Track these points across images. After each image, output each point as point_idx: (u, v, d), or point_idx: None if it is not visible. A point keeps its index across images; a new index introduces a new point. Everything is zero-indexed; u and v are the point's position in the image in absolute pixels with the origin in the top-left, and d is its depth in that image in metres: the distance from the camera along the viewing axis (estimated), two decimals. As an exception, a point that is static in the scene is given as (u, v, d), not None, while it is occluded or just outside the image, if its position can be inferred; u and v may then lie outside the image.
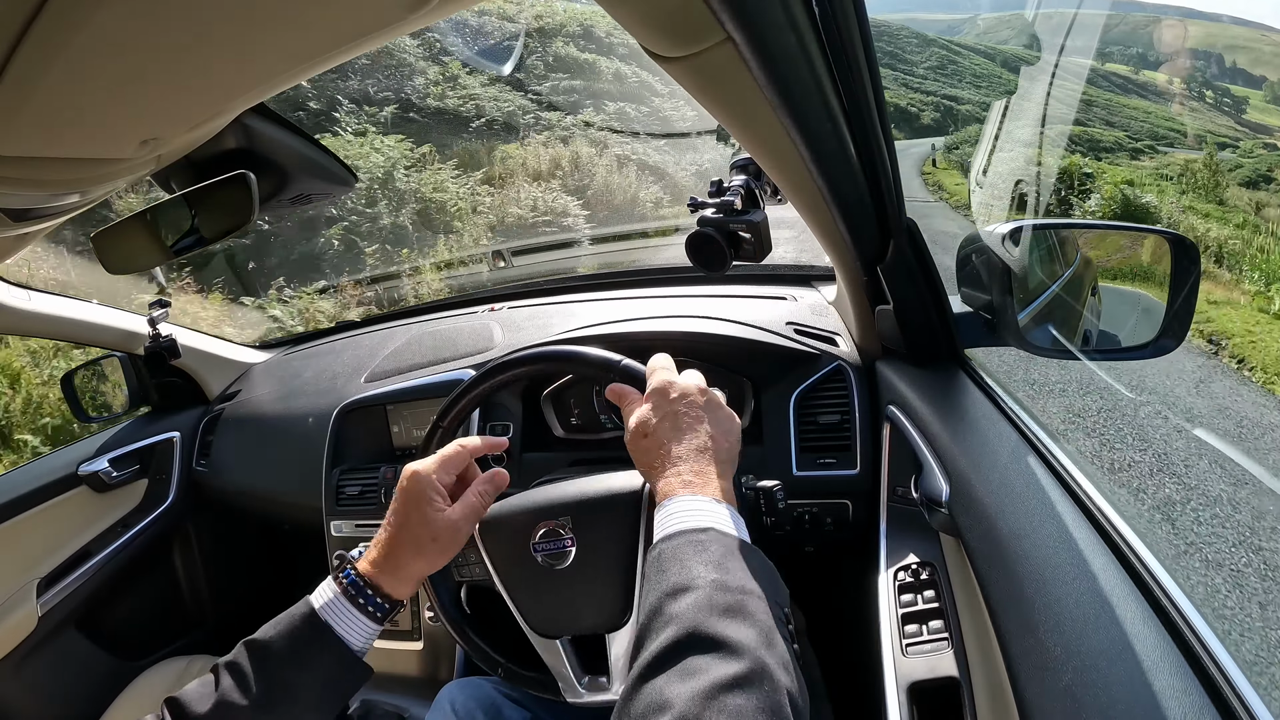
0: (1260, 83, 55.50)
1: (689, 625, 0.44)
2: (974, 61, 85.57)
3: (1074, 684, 0.42)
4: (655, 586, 0.49)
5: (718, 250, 0.76)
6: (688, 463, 0.57)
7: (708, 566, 0.48)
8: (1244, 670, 0.43)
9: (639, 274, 1.54)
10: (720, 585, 0.46)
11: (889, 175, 0.67)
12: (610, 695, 0.72)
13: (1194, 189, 11.57)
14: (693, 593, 0.46)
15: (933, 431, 0.77)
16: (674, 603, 0.46)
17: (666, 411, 0.61)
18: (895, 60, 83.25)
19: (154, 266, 0.86)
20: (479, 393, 0.81)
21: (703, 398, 0.62)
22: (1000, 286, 0.82)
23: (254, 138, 0.59)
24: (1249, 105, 45.51)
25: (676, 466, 0.57)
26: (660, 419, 0.61)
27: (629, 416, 0.64)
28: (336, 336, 1.62)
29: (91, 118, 0.33)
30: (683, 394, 0.62)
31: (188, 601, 1.56)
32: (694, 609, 0.45)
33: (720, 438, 0.60)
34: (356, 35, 0.34)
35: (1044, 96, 1.27)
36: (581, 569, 0.71)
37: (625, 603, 0.69)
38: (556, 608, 0.74)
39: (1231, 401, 4.78)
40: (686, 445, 0.59)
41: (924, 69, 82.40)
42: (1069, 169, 11.94)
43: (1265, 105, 42.86)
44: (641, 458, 0.62)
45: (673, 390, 0.62)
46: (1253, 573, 2.82)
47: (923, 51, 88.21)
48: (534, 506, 0.74)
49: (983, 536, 0.61)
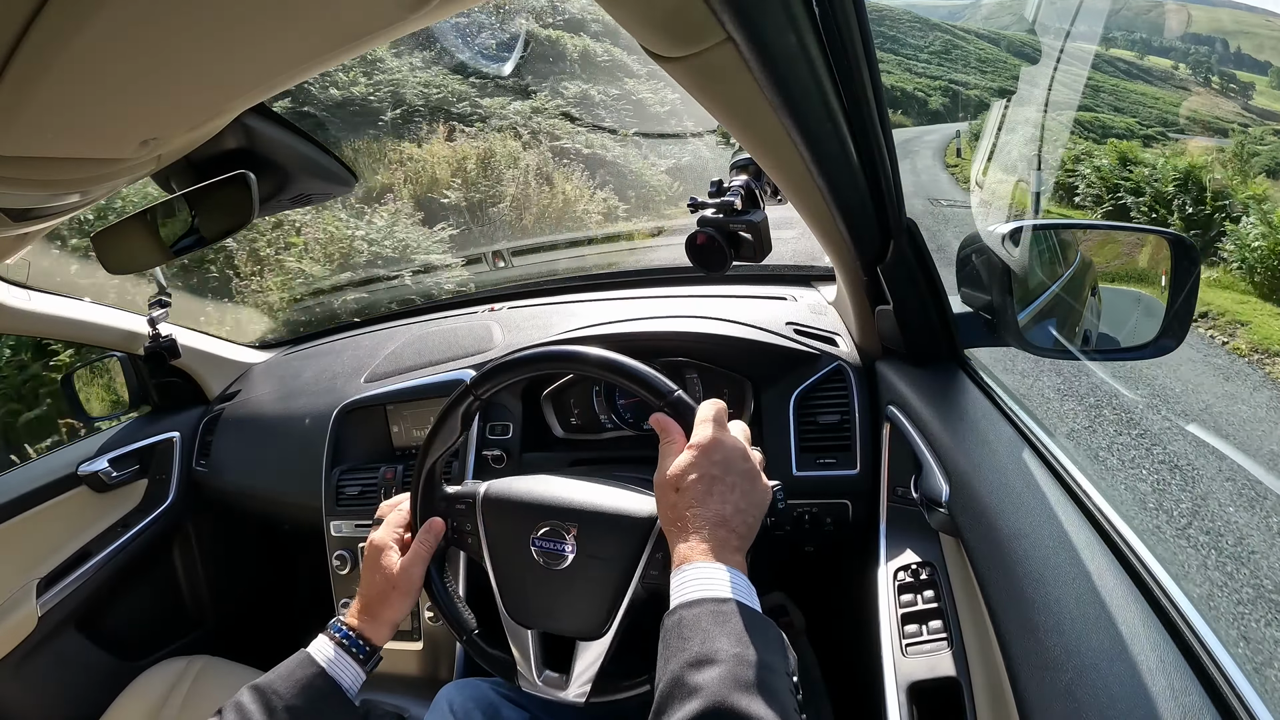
0: (1265, 68, 55.43)
1: (714, 699, 0.45)
2: (979, 46, 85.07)
3: (1074, 684, 0.42)
4: (677, 654, 0.49)
5: (718, 250, 0.76)
6: (711, 529, 0.57)
7: (730, 640, 0.49)
8: (1243, 670, 0.43)
9: (639, 274, 1.54)
10: (742, 660, 0.47)
11: (889, 175, 0.67)
12: (562, 694, 0.74)
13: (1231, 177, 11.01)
14: (716, 666, 0.47)
15: (933, 431, 0.77)
16: (697, 674, 0.47)
17: (704, 472, 0.60)
18: (898, 45, 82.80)
19: (154, 266, 0.86)
20: (526, 376, 0.80)
21: (744, 464, 0.62)
22: (1000, 286, 0.82)
23: (254, 138, 0.59)
24: (1255, 90, 45.43)
25: (700, 531, 0.57)
26: (697, 477, 0.60)
27: (665, 456, 0.64)
28: (336, 336, 1.62)
29: (91, 118, 0.33)
30: (726, 458, 0.61)
31: (187, 601, 1.55)
32: (718, 683, 0.46)
33: (749, 510, 0.60)
34: (356, 35, 0.34)
35: (1049, 83, 1.26)
36: (575, 576, 0.72)
37: (606, 617, 0.71)
38: (539, 603, 0.75)
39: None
40: (715, 511, 0.58)
41: (928, 54, 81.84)
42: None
43: (1271, 90, 42.73)
44: (667, 510, 0.61)
45: (716, 451, 0.61)
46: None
47: (925, 36, 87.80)
48: (543, 503, 0.75)
49: (983, 536, 0.61)
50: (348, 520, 1.20)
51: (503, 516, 0.77)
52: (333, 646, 0.71)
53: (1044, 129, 1.58)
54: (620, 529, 0.71)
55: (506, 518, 0.77)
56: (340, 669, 0.69)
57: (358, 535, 1.20)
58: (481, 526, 0.78)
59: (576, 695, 0.73)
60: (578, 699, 0.73)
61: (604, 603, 0.71)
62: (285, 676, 0.67)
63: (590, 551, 0.72)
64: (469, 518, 0.79)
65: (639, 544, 0.70)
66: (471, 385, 0.79)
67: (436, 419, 0.80)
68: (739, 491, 0.60)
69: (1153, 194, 10.08)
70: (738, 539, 0.58)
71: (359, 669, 0.71)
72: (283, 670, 0.68)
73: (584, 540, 0.72)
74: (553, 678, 0.76)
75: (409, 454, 1.28)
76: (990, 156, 1.38)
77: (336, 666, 0.69)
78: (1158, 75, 62.43)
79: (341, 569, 1.19)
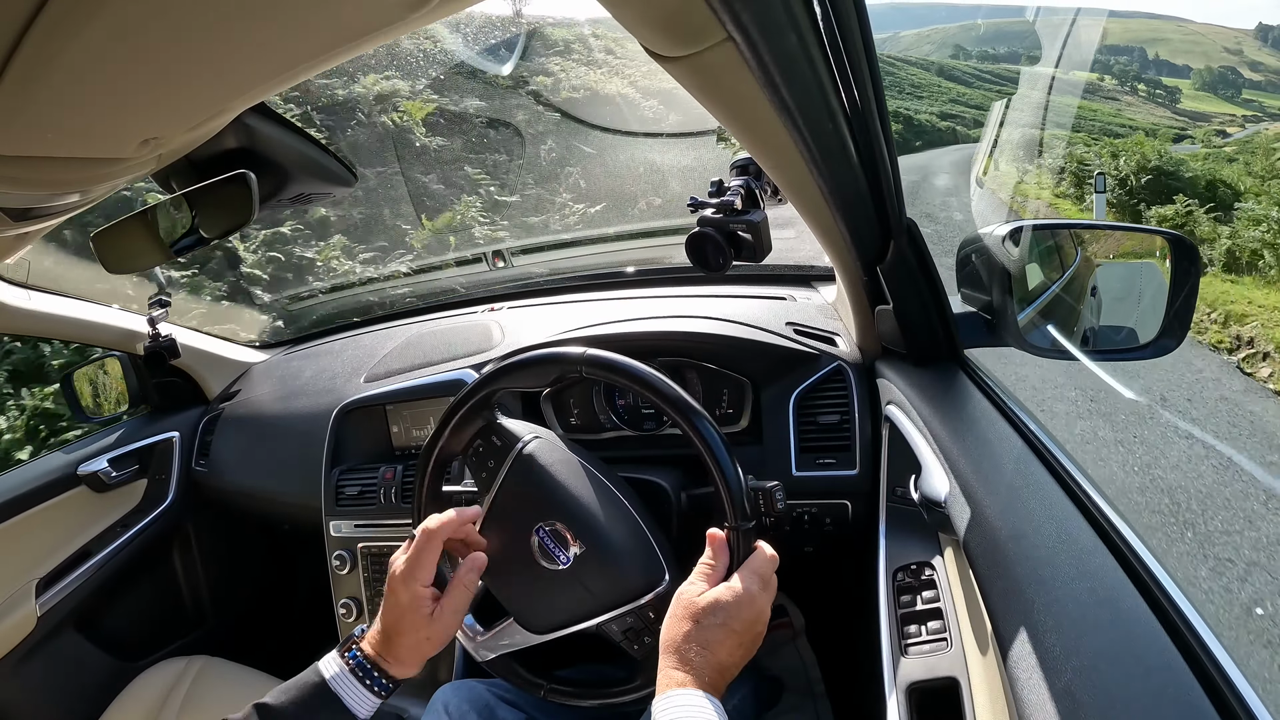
0: (1186, 72, 56.13)
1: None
2: (910, 72, 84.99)
3: (1074, 684, 0.42)
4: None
5: (718, 250, 0.76)
6: (710, 673, 0.58)
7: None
8: (1243, 670, 0.43)
9: (639, 274, 1.54)
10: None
11: (889, 175, 0.67)
12: (467, 645, 0.80)
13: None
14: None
15: (932, 431, 0.77)
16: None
17: (728, 623, 0.60)
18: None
19: (154, 266, 0.86)
20: (635, 374, 0.75)
21: (760, 628, 0.63)
22: (1000, 286, 0.82)
23: (254, 137, 0.59)
24: (1182, 94, 45.92)
25: (697, 671, 0.58)
26: (720, 624, 0.60)
27: (700, 576, 0.64)
28: (336, 336, 1.62)
29: (91, 118, 0.33)
30: (754, 620, 0.62)
31: (187, 602, 1.55)
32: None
33: (742, 660, 0.61)
34: (356, 35, 0.34)
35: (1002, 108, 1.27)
36: (556, 581, 0.73)
37: (552, 628, 0.75)
38: (512, 576, 0.76)
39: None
40: (720, 660, 0.59)
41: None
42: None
43: (1196, 93, 43.23)
44: (675, 631, 0.61)
45: (749, 609, 0.62)
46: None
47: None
48: (570, 503, 0.75)
49: (983, 536, 0.61)
50: (347, 520, 1.20)
51: (529, 482, 0.75)
52: (347, 673, 0.65)
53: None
54: (618, 575, 0.72)
55: (531, 487, 0.75)
56: (356, 699, 0.64)
57: (357, 535, 1.20)
58: (505, 471, 0.76)
59: (479, 654, 0.78)
60: (478, 656, 0.78)
61: (561, 617, 0.73)
62: (297, 701, 0.63)
63: (581, 573, 0.72)
64: (499, 456, 0.77)
65: (623, 599, 0.71)
66: (582, 357, 0.75)
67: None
68: (744, 651, 0.61)
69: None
70: (724, 683, 0.60)
71: (373, 700, 0.65)
72: (293, 694, 0.64)
73: (581, 561, 0.72)
74: (469, 624, 0.79)
75: (409, 454, 1.28)
76: (992, 157, 1.38)
77: (352, 696, 0.64)
78: (1086, 88, 62.89)
79: (341, 569, 1.19)
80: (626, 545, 0.73)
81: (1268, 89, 57.91)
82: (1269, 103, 48.67)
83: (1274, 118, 39.76)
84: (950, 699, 0.61)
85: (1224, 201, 9.29)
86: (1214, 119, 38.12)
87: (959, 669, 0.62)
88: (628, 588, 0.71)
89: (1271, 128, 31.15)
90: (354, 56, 0.38)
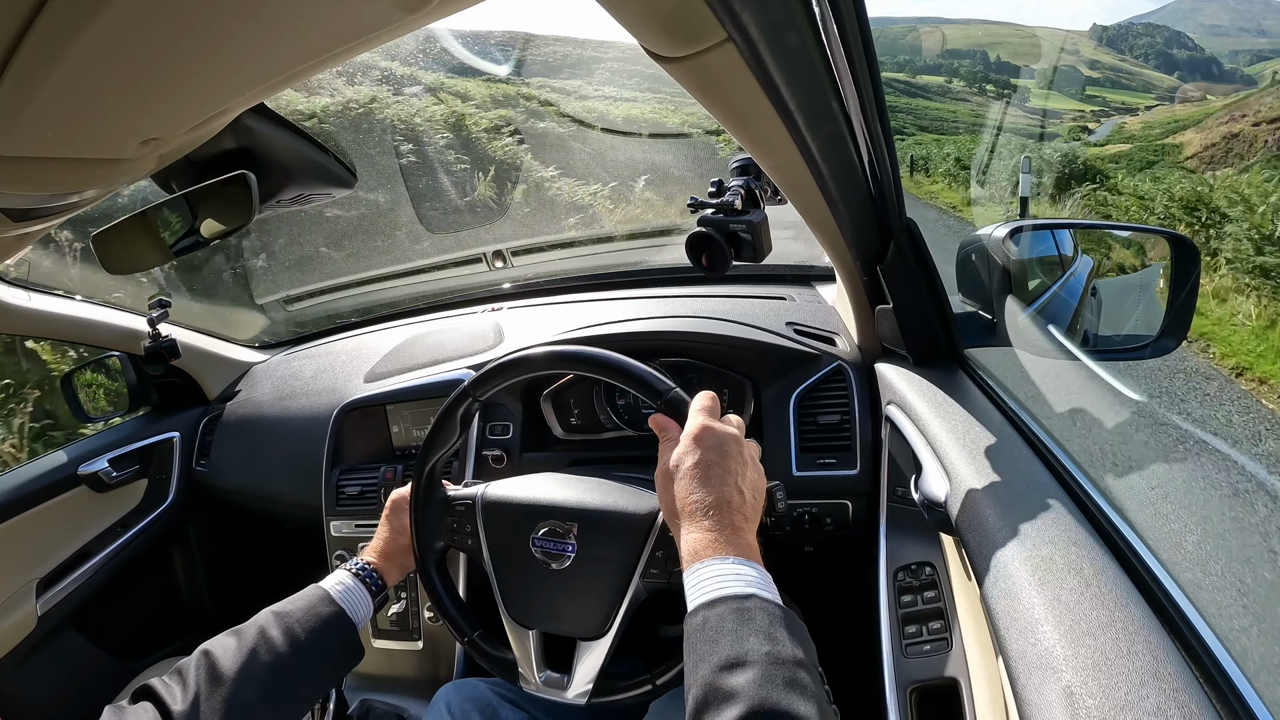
0: (1030, 73, 57.10)
1: (752, 703, 0.44)
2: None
3: (1074, 684, 0.42)
4: (706, 659, 0.49)
5: (718, 250, 0.76)
6: (713, 518, 0.56)
7: (759, 638, 0.49)
8: (1244, 670, 0.43)
9: (639, 274, 1.54)
10: (774, 658, 0.47)
11: (889, 175, 0.67)
12: (564, 695, 0.74)
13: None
14: (749, 669, 0.46)
15: (933, 431, 0.77)
16: (731, 677, 0.46)
17: (700, 458, 0.59)
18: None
19: (154, 266, 0.86)
20: (524, 377, 0.80)
21: (736, 448, 0.61)
22: (1000, 286, 0.82)
23: (254, 138, 0.59)
24: (1031, 93, 46.52)
25: (702, 521, 0.57)
26: (693, 463, 0.59)
27: (663, 453, 0.64)
28: (336, 336, 1.62)
29: (92, 118, 0.33)
30: (719, 443, 0.60)
31: (187, 601, 1.55)
32: (754, 685, 0.45)
33: (746, 491, 0.59)
34: (356, 36, 0.34)
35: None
36: (576, 575, 0.73)
37: (607, 617, 0.71)
38: (540, 603, 0.75)
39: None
40: (716, 493, 0.58)
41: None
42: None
43: (1041, 91, 43.80)
44: (667, 503, 0.61)
45: (709, 437, 0.61)
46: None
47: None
48: (542, 504, 0.75)
49: (983, 536, 0.61)
50: (348, 520, 1.20)
51: (503, 518, 0.77)
52: (351, 578, 0.76)
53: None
54: (620, 528, 0.71)
55: (507, 519, 0.77)
56: (354, 600, 0.74)
57: (358, 535, 1.20)
58: (481, 529, 0.78)
59: (577, 696, 0.73)
60: (579, 699, 0.73)
61: (605, 602, 0.71)
62: (302, 607, 0.72)
63: (591, 551, 0.72)
64: (469, 520, 0.79)
65: (639, 542, 0.70)
66: (470, 386, 0.78)
67: (435, 420, 0.80)
68: (736, 474, 0.59)
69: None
70: (742, 519, 0.57)
71: (370, 600, 0.76)
72: (300, 602, 0.73)
73: (584, 540, 0.72)
74: (554, 678, 0.76)
75: (409, 454, 1.28)
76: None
77: (351, 597, 0.74)
78: (935, 91, 63.40)
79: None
80: (609, 499, 0.74)
81: (1106, 85, 59.59)
82: (1112, 98, 50.21)
83: (1120, 111, 41.68)
84: (951, 699, 0.61)
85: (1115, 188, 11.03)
86: (1064, 115, 39.00)
87: (960, 669, 0.62)
88: (634, 527, 0.71)
89: (1130, 120, 34.23)
90: (354, 57, 0.38)
